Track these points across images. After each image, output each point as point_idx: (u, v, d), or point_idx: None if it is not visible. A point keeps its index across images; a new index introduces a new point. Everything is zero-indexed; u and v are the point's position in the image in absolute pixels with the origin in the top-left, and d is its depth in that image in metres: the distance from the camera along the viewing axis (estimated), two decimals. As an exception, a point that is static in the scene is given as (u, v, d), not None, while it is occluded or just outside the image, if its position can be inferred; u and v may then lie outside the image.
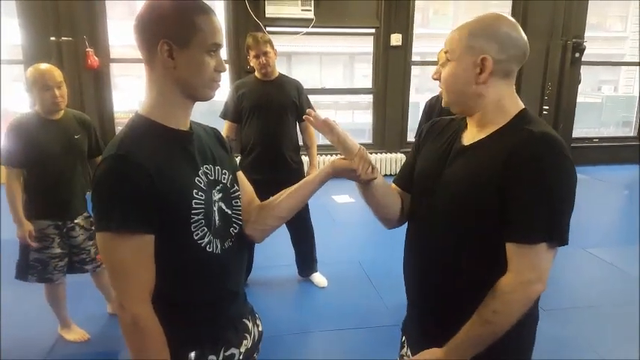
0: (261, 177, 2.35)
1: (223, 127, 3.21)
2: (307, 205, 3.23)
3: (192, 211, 1.06)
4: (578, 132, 7.19)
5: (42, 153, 2.41)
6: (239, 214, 1.23)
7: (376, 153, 6.43)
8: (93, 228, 2.63)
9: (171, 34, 1.03)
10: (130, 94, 6.32)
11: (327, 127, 1.23)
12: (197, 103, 1.14)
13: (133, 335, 1.02)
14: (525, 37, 1.12)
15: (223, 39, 1.12)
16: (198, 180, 1.10)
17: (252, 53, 3.01)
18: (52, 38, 5.26)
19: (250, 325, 1.30)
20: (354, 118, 8.02)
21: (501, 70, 1.10)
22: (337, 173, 1.23)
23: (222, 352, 1.18)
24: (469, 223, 1.10)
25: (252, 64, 3.08)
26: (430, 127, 1.34)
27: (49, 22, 5.27)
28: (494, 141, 1.11)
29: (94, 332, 2.77)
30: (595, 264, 3.85)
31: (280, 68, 3.21)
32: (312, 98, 3.35)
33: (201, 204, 1.08)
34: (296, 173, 3.15)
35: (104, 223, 0.98)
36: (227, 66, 5.86)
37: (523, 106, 1.15)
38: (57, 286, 2.62)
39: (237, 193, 1.23)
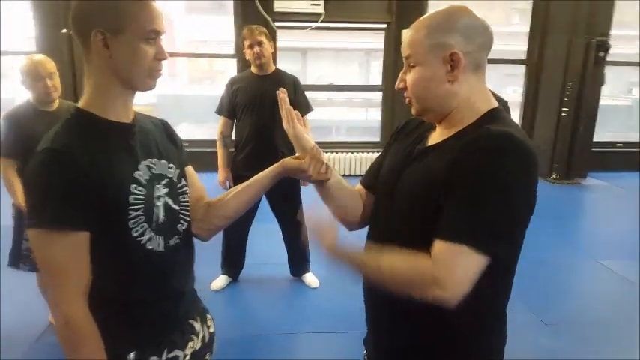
0: (254, 174, 2.24)
1: (219, 124, 3.14)
2: (300, 202, 3.16)
3: (130, 207, 1.02)
4: (600, 136, 6.87)
5: (36, 144, 2.37)
6: (187, 211, 1.18)
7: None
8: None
9: (105, 23, 0.98)
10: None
11: (288, 115, 1.19)
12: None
13: (66, 335, 0.99)
14: (486, 22, 1.03)
15: (163, 25, 1.05)
16: (138, 174, 1.05)
17: (246, 43, 2.94)
18: (64, 31, 5.27)
19: (198, 325, 1.24)
20: (368, 116, 7.90)
21: (472, 62, 1.01)
22: (287, 172, 1.20)
23: (164, 353, 1.13)
24: (424, 227, 1.00)
25: (247, 57, 3.00)
26: (402, 126, 1.27)
27: (61, 15, 5.29)
28: (454, 141, 1.02)
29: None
30: (607, 277, 3.66)
31: (294, 64, 3.13)
32: (324, 95, 3.26)
33: (140, 199, 1.03)
34: None
35: (35, 219, 0.94)
36: (234, 62, 5.94)
37: (495, 105, 1.05)
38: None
39: (184, 189, 1.18)
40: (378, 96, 6.63)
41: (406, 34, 1.07)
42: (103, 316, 1.02)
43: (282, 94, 1.21)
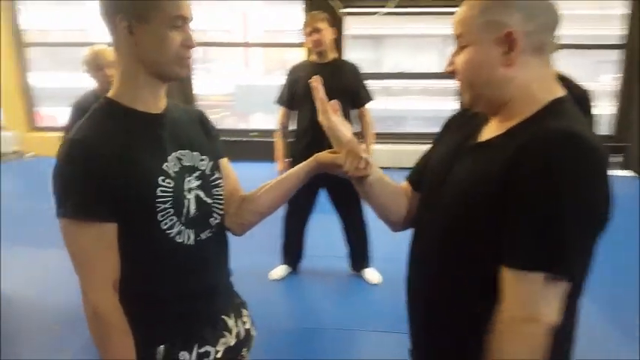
0: None
1: (279, 114, 3.11)
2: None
3: (158, 200, 1.00)
4: None
5: None
6: (221, 204, 1.15)
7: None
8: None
9: (129, 8, 0.96)
10: (217, 77, 6.57)
11: (322, 106, 1.11)
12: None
13: (95, 325, 0.99)
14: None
15: (190, 11, 1.02)
16: (166, 166, 1.03)
17: (306, 30, 2.87)
18: None
19: (232, 322, 1.20)
20: (446, 105, 7.57)
21: (532, 43, 0.87)
22: (322, 168, 1.13)
23: (195, 348, 1.11)
24: (471, 228, 0.90)
25: (307, 44, 2.93)
26: (454, 117, 1.14)
27: None
28: (508, 138, 0.89)
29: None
30: None
31: (369, 52, 3.03)
32: (400, 84, 3.12)
33: (168, 192, 1.01)
34: None
35: (61, 209, 0.95)
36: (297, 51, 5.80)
37: (560, 94, 0.90)
38: None
39: (218, 181, 1.15)
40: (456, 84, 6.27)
41: (458, 11, 0.94)
42: (133, 309, 1.02)
43: (315, 82, 1.12)
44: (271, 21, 7.44)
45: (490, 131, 0.96)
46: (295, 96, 2.97)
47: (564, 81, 0.95)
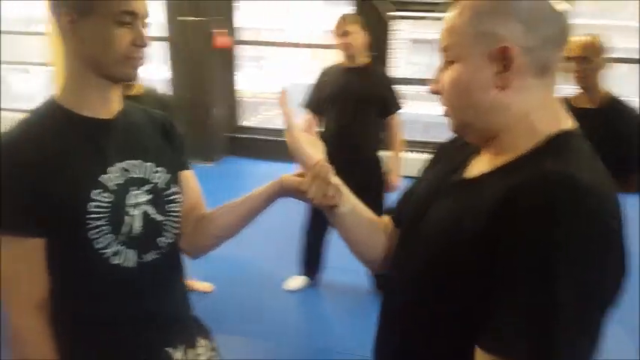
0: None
1: (303, 118, 2.98)
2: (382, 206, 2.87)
3: (89, 215, 0.89)
4: None
5: None
6: (175, 222, 1.03)
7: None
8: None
9: (71, 3, 0.86)
10: (256, 75, 6.53)
11: (287, 120, 0.94)
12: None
13: (15, 345, 0.92)
14: (563, 7, 0.70)
15: (143, 6, 0.90)
16: (105, 178, 0.92)
17: (337, 32, 2.71)
18: (179, 18, 5.46)
19: (179, 354, 1.06)
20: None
21: (533, 62, 0.70)
22: (286, 191, 0.97)
23: None
24: (439, 292, 0.74)
25: (337, 46, 2.78)
26: (444, 145, 0.98)
27: (182, 3, 5.46)
28: (498, 178, 0.71)
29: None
30: None
31: (426, 57, 2.85)
32: None
33: (104, 207, 0.90)
34: (374, 175, 2.81)
35: None
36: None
37: (567, 126, 0.73)
38: None
39: (174, 197, 1.03)
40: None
41: (447, 17, 0.76)
42: (63, 331, 0.94)
43: (283, 92, 0.97)
44: (322, 22, 7.35)
45: (479, 166, 0.79)
46: (322, 100, 2.82)
47: (615, 104, 0.75)
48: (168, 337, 1.06)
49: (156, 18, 5.73)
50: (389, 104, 2.80)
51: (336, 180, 0.92)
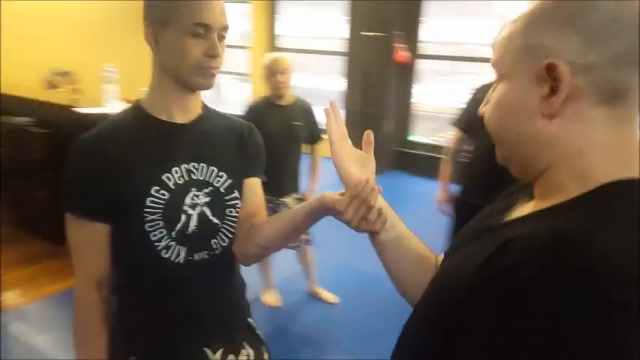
0: (485, 203, 1.87)
1: (451, 137, 2.76)
2: None
3: (146, 209, 0.96)
4: None
5: (267, 133, 2.66)
6: (232, 227, 1.06)
7: None
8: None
9: (154, 15, 0.95)
10: (434, 89, 6.38)
11: (330, 131, 0.88)
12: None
13: (74, 315, 1.02)
14: None
15: (217, 18, 0.94)
16: (167, 177, 0.98)
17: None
18: (362, 33, 5.59)
19: (216, 357, 1.09)
20: None
21: (595, 85, 0.52)
22: (326, 210, 0.90)
23: None
24: (430, 345, 0.62)
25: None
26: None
27: (367, 18, 5.61)
28: (521, 225, 0.58)
29: (285, 306, 2.92)
30: None
31: None
32: None
33: (160, 203, 0.97)
34: None
35: (60, 202, 1.00)
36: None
37: (633, 174, 0.52)
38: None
39: (234, 202, 1.06)
40: None
41: (505, 25, 0.62)
42: (116, 312, 1.03)
43: (332, 103, 0.90)
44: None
45: (523, 209, 0.64)
46: (473, 118, 2.57)
47: None
48: (208, 337, 1.08)
49: (339, 33, 6.05)
50: None
51: (381, 203, 0.84)
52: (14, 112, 3.64)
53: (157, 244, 0.98)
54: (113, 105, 3.17)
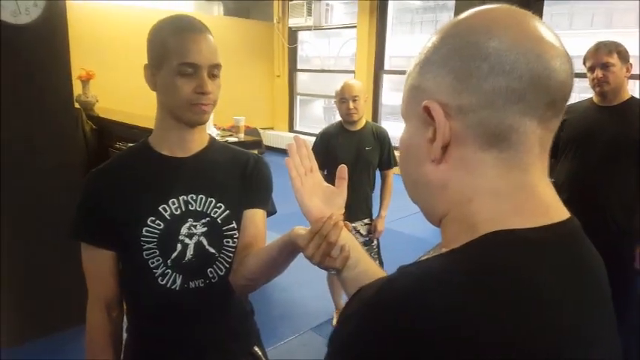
0: None
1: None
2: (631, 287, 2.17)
3: (142, 238, 1.04)
4: None
5: (336, 158, 2.71)
6: (229, 257, 1.10)
7: None
8: (370, 235, 2.76)
9: (150, 57, 1.04)
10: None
11: (290, 165, 0.89)
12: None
13: (86, 334, 1.12)
14: (546, 49, 0.47)
15: (204, 56, 1.00)
16: (163, 208, 1.05)
17: (587, 64, 2.20)
18: None
19: None
20: None
21: (472, 128, 0.48)
22: (292, 245, 0.89)
23: None
24: None
25: (590, 81, 2.24)
26: None
27: None
28: None
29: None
30: None
31: None
32: None
33: (155, 233, 1.04)
34: (619, 237, 2.15)
35: (70, 229, 1.09)
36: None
37: (523, 224, 0.47)
38: (331, 275, 2.89)
39: (231, 232, 1.10)
40: None
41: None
42: (127, 335, 1.12)
43: (297, 139, 0.90)
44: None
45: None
46: (560, 140, 2.34)
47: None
48: None
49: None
50: None
51: (345, 239, 0.82)
52: (126, 138, 3.87)
53: (154, 271, 1.04)
54: (210, 130, 3.46)
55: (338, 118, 2.77)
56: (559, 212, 0.50)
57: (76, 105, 3.51)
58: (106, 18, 6.05)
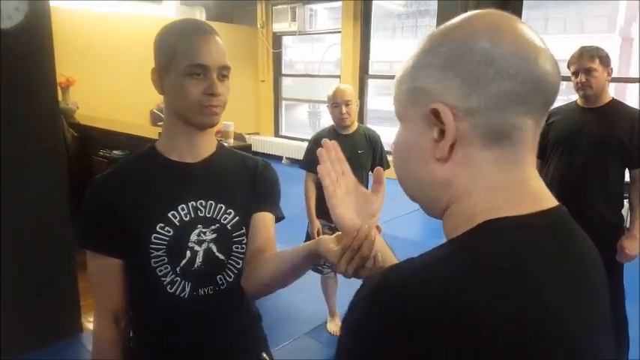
0: None
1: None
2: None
3: (151, 246, 1.02)
4: None
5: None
6: (239, 263, 1.08)
7: None
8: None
9: (157, 61, 1.02)
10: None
11: (323, 169, 0.82)
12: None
13: (93, 345, 1.10)
14: (531, 49, 0.51)
15: (214, 58, 0.98)
16: (172, 214, 1.03)
17: (571, 69, 2.25)
18: None
19: None
20: None
21: (478, 128, 0.51)
22: (319, 256, 0.87)
23: None
24: None
25: (574, 85, 2.30)
26: None
27: None
28: None
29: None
30: None
31: None
32: None
33: (164, 240, 1.02)
34: (605, 232, 2.19)
35: (75, 236, 1.08)
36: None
37: (505, 212, 0.50)
38: (326, 279, 2.89)
39: (240, 238, 1.08)
40: None
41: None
42: (131, 342, 1.09)
43: (326, 143, 0.84)
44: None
45: None
46: (548, 141, 2.38)
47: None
48: None
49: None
50: (635, 152, 2.16)
51: (379, 246, 0.79)
52: (111, 146, 3.83)
53: (163, 279, 1.02)
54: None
55: (323, 123, 2.79)
56: (549, 201, 0.53)
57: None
58: (86, 24, 5.93)
